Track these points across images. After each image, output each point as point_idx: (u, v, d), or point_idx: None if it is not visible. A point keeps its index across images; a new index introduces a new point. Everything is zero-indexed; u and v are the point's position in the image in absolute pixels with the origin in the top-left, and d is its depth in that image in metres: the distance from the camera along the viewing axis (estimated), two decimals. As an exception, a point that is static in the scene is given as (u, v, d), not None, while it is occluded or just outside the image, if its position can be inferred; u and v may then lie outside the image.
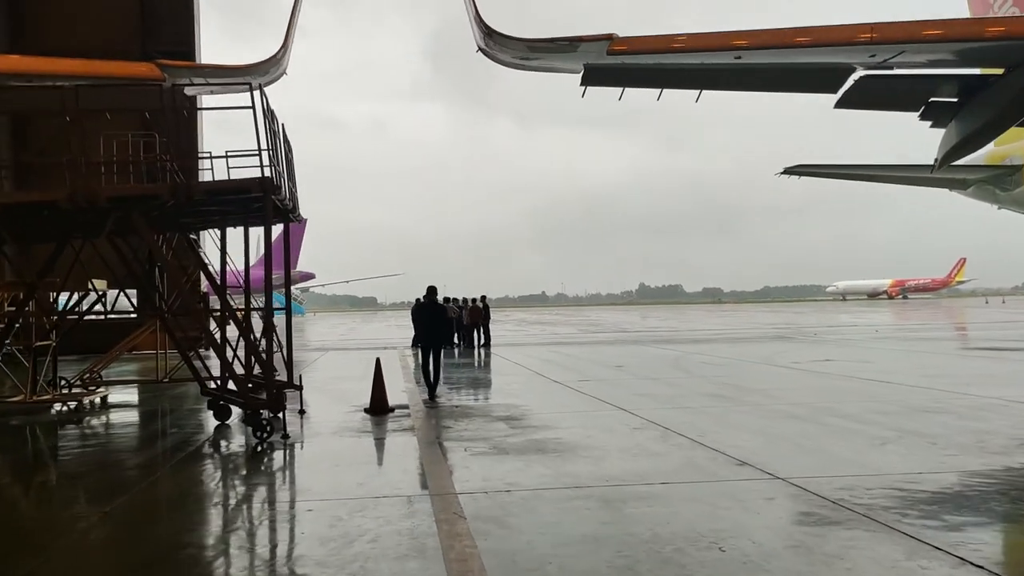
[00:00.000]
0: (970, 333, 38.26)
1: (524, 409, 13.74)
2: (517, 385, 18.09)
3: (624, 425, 11.72)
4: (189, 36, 33.07)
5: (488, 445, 10.35)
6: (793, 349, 27.65)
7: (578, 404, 14.36)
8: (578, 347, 31.88)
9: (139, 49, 31.33)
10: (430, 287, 16.89)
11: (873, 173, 30.72)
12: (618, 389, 16.44)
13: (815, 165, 31.24)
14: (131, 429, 13.46)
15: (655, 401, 14.43)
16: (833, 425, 11.30)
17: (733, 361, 23.12)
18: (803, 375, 18.58)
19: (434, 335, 16.43)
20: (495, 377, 20.90)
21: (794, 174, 30.78)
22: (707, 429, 11.13)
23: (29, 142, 28.65)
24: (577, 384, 17.37)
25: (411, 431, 11.71)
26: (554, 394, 16.18)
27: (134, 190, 10.81)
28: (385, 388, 14.08)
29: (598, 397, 15.03)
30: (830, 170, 31.45)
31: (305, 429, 12.30)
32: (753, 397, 14.66)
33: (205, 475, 9.37)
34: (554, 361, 24.67)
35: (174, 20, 32.47)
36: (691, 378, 18.63)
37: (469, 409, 14.05)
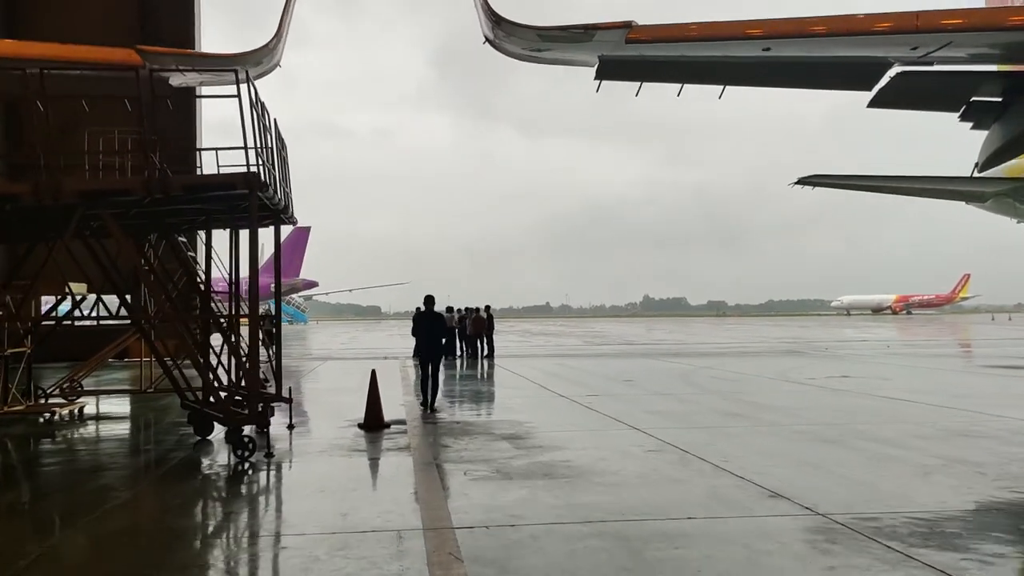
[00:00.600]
0: (983, 350, 37.22)
1: (529, 427, 12.80)
2: (521, 399, 17.14)
3: (638, 447, 10.77)
4: (189, 38, 32.35)
5: (490, 468, 9.41)
6: (806, 364, 26.67)
7: (587, 422, 13.41)
8: (584, 360, 30.93)
9: (136, 49, 30.64)
10: (428, 296, 16.10)
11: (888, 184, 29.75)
12: (629, 405, 15.49)
13: (830, 175, 30.33)
14: (101, 445, 12.50)
15: (669, 419, 13.48)
16: (868, 450, 10.34)
17: (746, 376, 22.15)
18: (822, 392, 17.61)
19: (432, 346, 15.75)
20: (498, 390, 19.97)
21: (808, 184, 29.86)
22: (729, 453, 10.18)
23: (24, 134, 27.72)
24: (585, 399, 16.42)
25: (407, 450, 10.77)
26: (561, 410, 15.23)
27: (104, 184, 9.91)
28: (380, 402, 13.16)
29: (608, 414, 14.08)
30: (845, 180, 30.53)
31: (293, 446, 11.37)
32: (773, 416, 13.70)
33: (170, 502, 8.41)
34: (560, 374, 23.72)
35: (173, 20, 31.71)
36: (704, 394, 17.67)
37: (470, 426, 13.12)
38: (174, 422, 13.94)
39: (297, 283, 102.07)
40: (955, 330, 65.61)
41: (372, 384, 13.31)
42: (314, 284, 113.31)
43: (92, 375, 20.21)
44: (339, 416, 14.35)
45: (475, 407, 16.34)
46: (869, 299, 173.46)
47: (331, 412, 15.42)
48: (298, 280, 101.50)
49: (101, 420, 14.96)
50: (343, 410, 15.14)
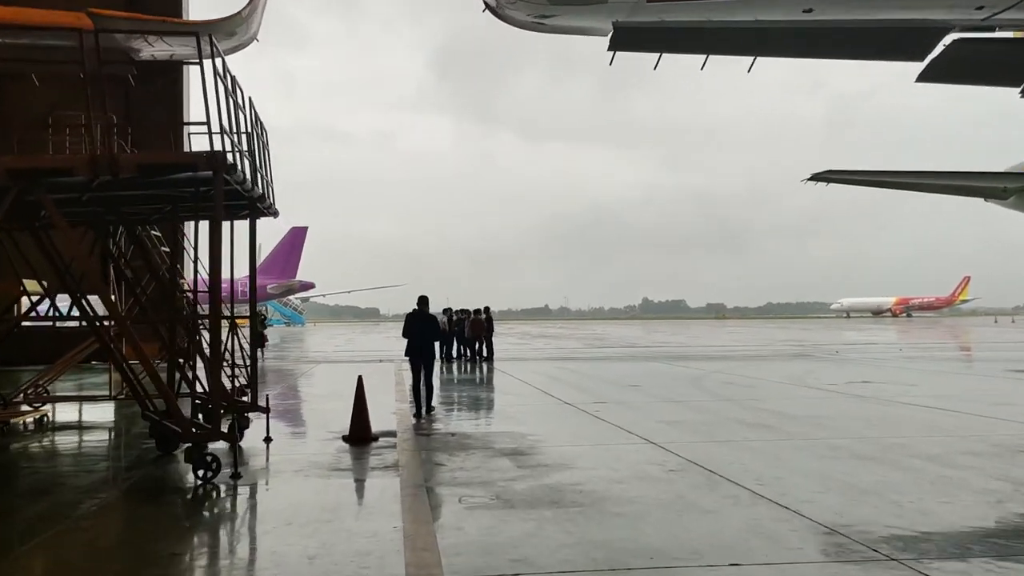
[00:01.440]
0: (999, 353, 35.93)
1: (533, 440, 11.52)
2: (523, 407, 15.85)
3: (657, 465, 9.48)
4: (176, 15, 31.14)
5: (489, 493, 8.13)
6: (820, 369, 25.39)
7: (596, 434, 12.12)
8: (586, 363, 29.64)
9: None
10: (421, 297, 15.06)
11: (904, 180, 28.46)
12: (640, 414, 14.20)
13: (843, 171, 29.05)
14: (52, 461, 11.16)
15: (687, 431, 12.20)
16: (919, 471, 9.06)
17: (760, 382, 20.87)
18: (847, 400, 16.32)
19: (425, 349, 14.80)
20: (498, 397, 18.67)
21: (821, 180, 28.60)
22: (762, 473, 8.91)
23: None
24: (591, 407, 15.13)
25: (394, 469, 9.48)
26: (566, 420, 13.94)
27: (39, 162, 8.61)
28: (367, 413, 11.87)
29: (618, 424, 12.80)
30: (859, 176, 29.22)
31: (265, 465, 10.08)
32: (800, 427, 12.42)
33: (106, 537, 7.13)
34: (562, 379, 22.42)
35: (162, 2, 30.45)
36: (719, 402, 16.38)
37: (467, 438, 11.83)
38: (140, 433, 12.62)
39: (293, 284, 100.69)
40: (961, 333, 64.33)
41: (358, 393, 12.03)
42: (311, 285, 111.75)
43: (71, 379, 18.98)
44: (324, 427, 13.08)
45: (473, 416, 15.06)
46: (869, 301, 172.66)
47: (316, 422, 14.16)
48: (295, 281, 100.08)
49: (61, 430, 13.65)
50: (329, 420, 13.88)
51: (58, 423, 14.37)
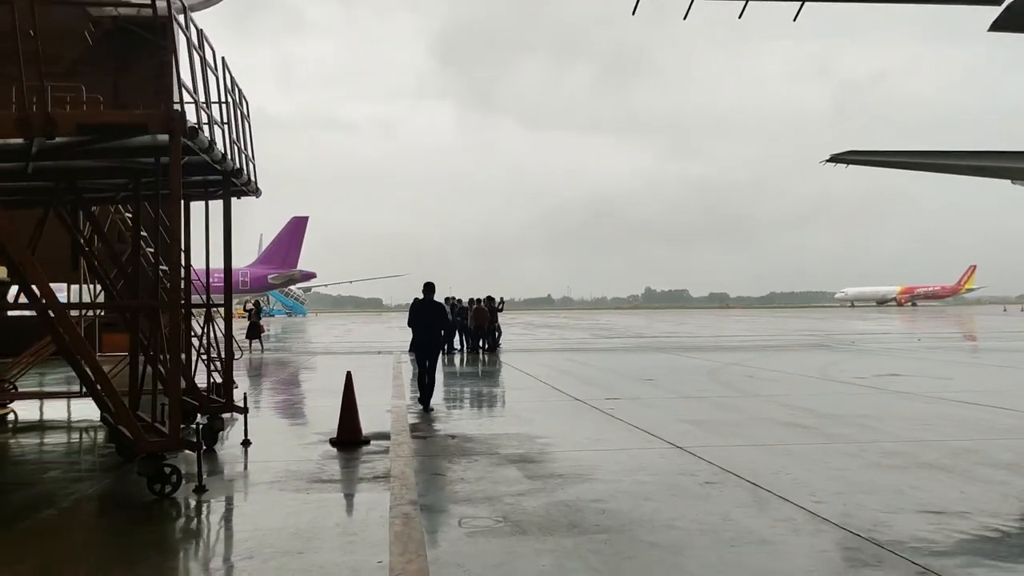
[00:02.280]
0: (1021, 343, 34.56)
1: (544, 443, 10.21)
2: (531, 404, 14.53)
3: (690, 476, 8.17)
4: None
5: (495, 513, 6.82)
6: (842, 360, 24.05)
7: (614, 436, 10.80)
8: (594, 355, 28.31)
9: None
10: (427, 284, 14.10)
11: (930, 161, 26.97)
12: (660, 413, 12.90)
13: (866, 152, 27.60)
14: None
15: (715, 433, 10.88)
16: (1006, 484, 7.74)
17: (782, 375, 19.54)
18: (884, 396, 14.99)
19: (431, 339, 13.87)
20: (504, 392, 17.35)
21: (840, 162, 27.13)
22: (816, 486, 7.59)
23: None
24: (605, 404, 13.82)
25: (384, 481, 8.17)
26: (580, 419, 12.62)
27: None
28: (357, 413, 10.57)
29: (638, 425, 11.49)
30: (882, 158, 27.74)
31: (238, 475, 8.80)
32: (844, 428, 11.09)
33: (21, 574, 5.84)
34: (571, 372, 21.11)
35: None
36: (744, 397, 15.07)
37: (469, 441, 10.52)
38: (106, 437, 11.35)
39: (295, 274, 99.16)
40: (974, 322, 62.85)
41: (347, 391, 10.73)
42: (312, 275, 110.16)
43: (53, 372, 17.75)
44: (311, 427, 11.82)
45: (476, 414, 13.76)
46: (874, 291, 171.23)
47: (303, 421, 12.88)
48: (296, 271, 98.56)
49: (22, 432, 12.38)
50: (318, 418, 12.63)
51: (18, 423, 13.10)
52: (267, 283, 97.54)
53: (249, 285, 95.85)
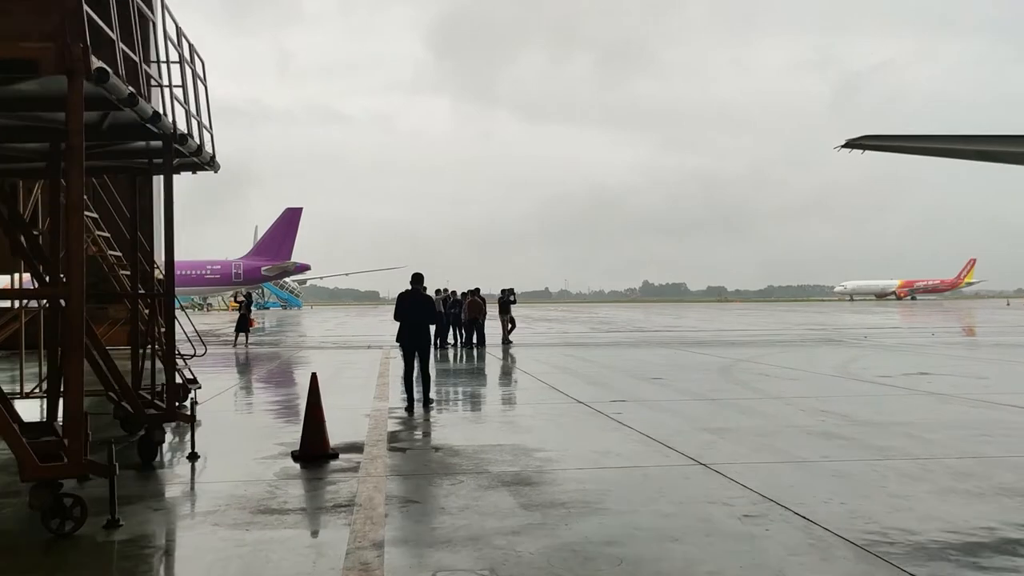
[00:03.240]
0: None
1: (541, 458, 8.68)
2: (528, 408, 13.01)
3: (723, 505, 6.63)
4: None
5: (481, 563, 5.27)
6: (860, 357, 22.52)
7: (625, 448, 9.26)
8: (595, 350, 26.76)
9: None
10: (415, 274, 13.04)
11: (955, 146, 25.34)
12: (673, 418, 11.37)
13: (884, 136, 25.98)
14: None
15: (741, 444, 9.35)
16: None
17: (801, 373, 18.00)
18: (921, 399, 13.49)
19: (419, 333, 12.85)
20: (497, 393, 15.81)
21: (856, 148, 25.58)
22: (884, 521, 6.05)
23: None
24: (611, 408, 12.29)
25: (346, 511, 6.62)
26: (583, 426, 11.07)
27: None
28: (324, 423, 9.02)
29: (650, 434, 9.95)
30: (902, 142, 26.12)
31: (168, 502, 7.24)
32: (891, 440, 9.54)
33: None
34: (572, 369, 19.56)
35: None
36: (765, 400, 13.54)
37: (455, 455, 8.98)
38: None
39: (288, 266, 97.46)
40: (980, 316, 61.31)
41: (312, 394, 9.17)
42: (306, 267, 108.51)
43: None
44: (274, 437, 10.25)
45: (465, 420, 12.20)
46: (873, 284, 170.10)
47: (267, 430, 11.30)
48: (289, 263, 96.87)
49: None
50: (287, 425, 11.12)
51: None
52: (260, 275, 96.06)
53: (242, 277, 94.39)
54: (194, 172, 11.06)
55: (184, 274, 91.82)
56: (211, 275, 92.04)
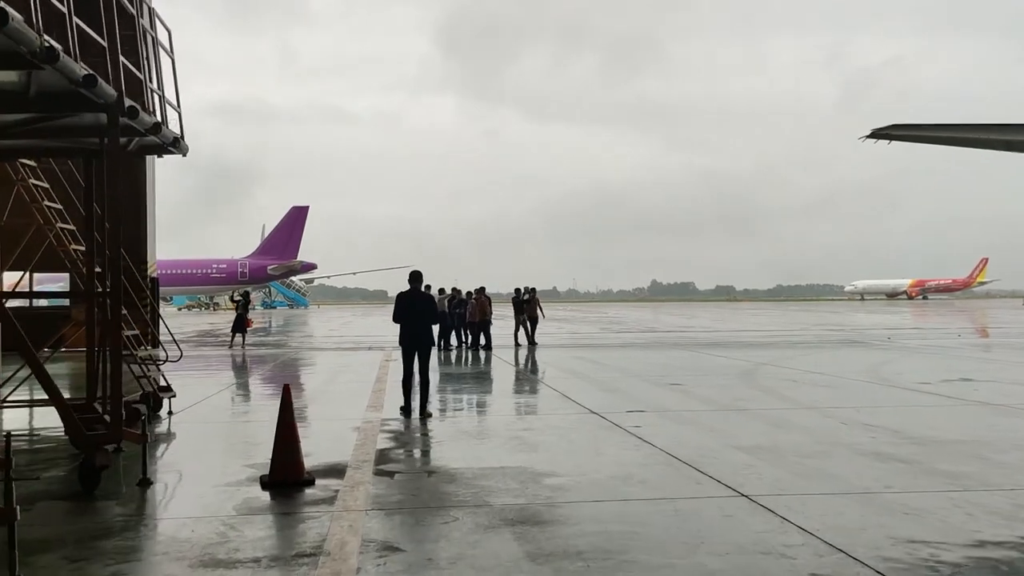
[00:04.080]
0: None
1: (553, 486, 7.35)
2: (537, 420, 11.68)
3: (782, 557, 5.29)
4: None
5: (474, 649, 3.95)
6: (892, 360, 21.13)
7: (650, 473, 7.92)
8: (607, 352, 25.41)
9: None
10: (414, 272, 12.17)
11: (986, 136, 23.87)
12: (701, 434, 10.03)
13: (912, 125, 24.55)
14: None
15: (785, 468, 8.01)
16: None
17: (832, 378, 16.60)
18: (975, 410, 12.13)
19: (420, 334, 11.95)
20: (502, 403, 14.45)
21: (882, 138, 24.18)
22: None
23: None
24: (628, 419, 10.98)
25: (309, 564, 5.30)
26: (599, 442, 9.71)
27: None
28: (297, 443, 7.72)
29: (677, 454, 8.62)
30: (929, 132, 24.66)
31: (94, 548, 5.92)
32: (963, 465, 8.16)
33: None
34: (583, 373, 18.21)
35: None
36: (799, 410, 12.17)
37: (452, 481, 7.67)
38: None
39: (295, 265, 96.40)
40: (998, 317, 59.67)
41: (284, 410, 7.85)
42: (312, 266, 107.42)
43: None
44: (244, 457, 8.95)
45: (466, 435, 10.82)
46: (884, 284, 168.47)
47: (241, 445, 10.01)
48: (296, 262, 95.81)
49: None
50: (258, 444, 9.76)
51: None
52: (267, 274, 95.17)
53: (248, 276, 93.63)
54: (160, 155, 9.77)
55: (190, 273, 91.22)
56: (217, 274, 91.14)
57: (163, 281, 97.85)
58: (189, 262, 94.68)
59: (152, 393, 11.72)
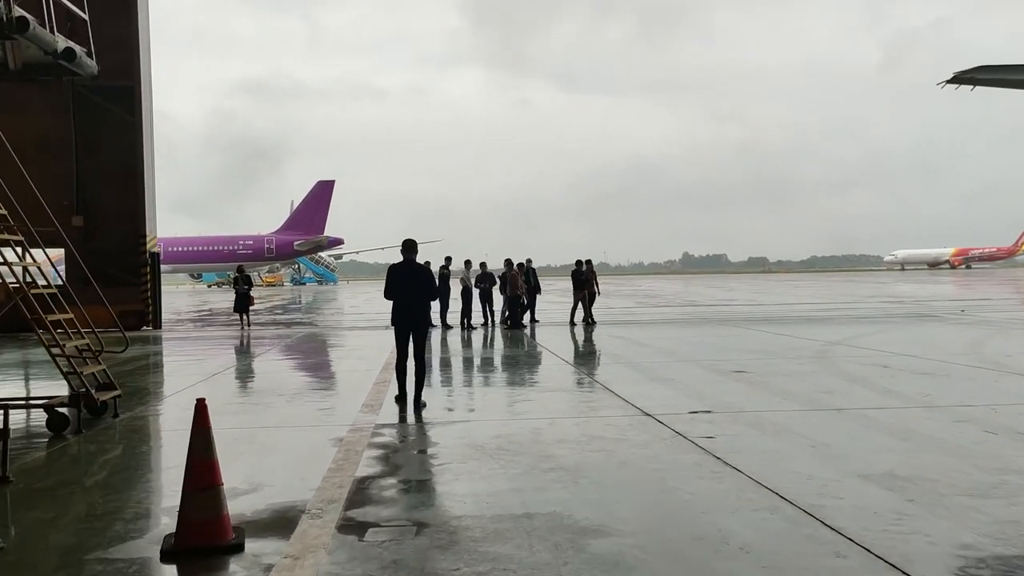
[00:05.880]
0: None
1: (605, 555, 4.70)
2: (573, 426, 8.91)
3: None
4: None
5: None
6: (984, 338, 18.16)
7: (751, 528, 5.21)
8: (648, 330, 22.64)
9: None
10: (407, 241, 10.82)
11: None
12: (802, 452, 7.30)
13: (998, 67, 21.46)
14: None
15: (955, 516, 5.28)
16: None
17: (928, 363, 13.71)
18: None
19: (413, 312, 10.54)
20: (532, 399, 11.71)
21: (964, 83, 21.17)
22: None
23: None
24: (695, 425, 8.31)
25: None
26: (663, 467, 6.96)
27: None
28: (217, 489, 5.11)
29: (781, 491, 5.92)
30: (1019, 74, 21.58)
31: None
32: None
33: None
34: (626, 357, 15.48)
35: None
36: (915, 411, 9.36)
37: (449, 543, 5.03)
38: None
39: (322, 240, 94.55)
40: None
41: (197, 437, 5.24)
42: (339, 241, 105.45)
43: None
44: (172, 491, 6.37)
45: (477, 451, 8.08)
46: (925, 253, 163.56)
47: (174, 472, 7.42)
48: (322, 237, 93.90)
49: None
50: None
51: None
52: (293, 250, 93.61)
53: (275, 252, 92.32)
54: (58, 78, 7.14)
55: (217, 250, 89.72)
56: (243, 250, 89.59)
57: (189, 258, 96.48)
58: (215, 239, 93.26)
59: (85, 394, 9.24)
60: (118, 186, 25.86)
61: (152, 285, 26.68)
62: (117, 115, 25.78)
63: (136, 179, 26.17)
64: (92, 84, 26.01)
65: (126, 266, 25.84)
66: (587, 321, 24.25)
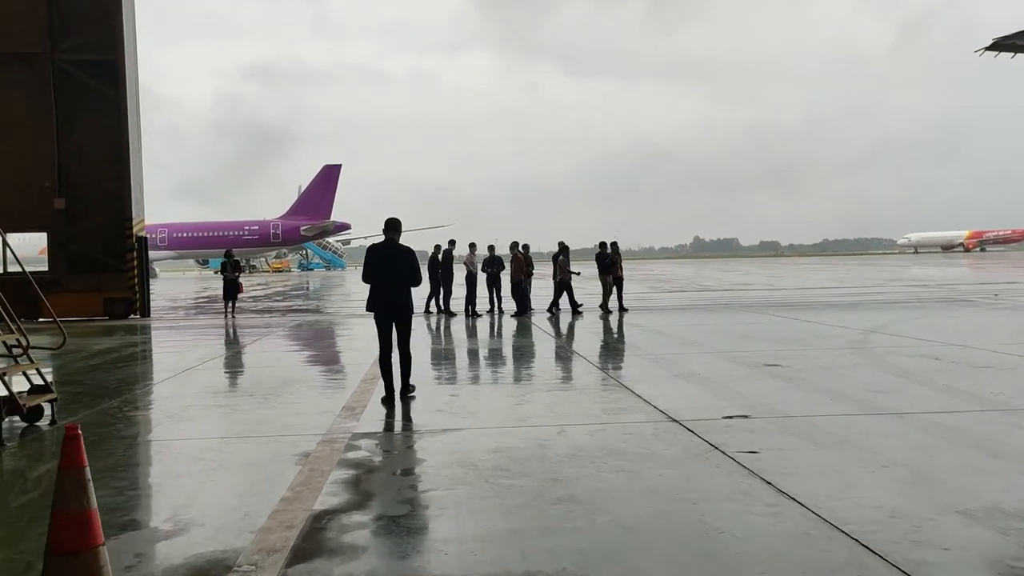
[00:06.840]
0: None
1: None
2: (588, 436, 7.41)
3: None
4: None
5: None
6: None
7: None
8: (667, 317, 21.16)
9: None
10: (389, 220, 9.66)
11: None
12: (873, 475, 5.84)
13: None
14: None
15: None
16: None
17: (982, 353, 12.20)
18: None
19: (395, 297, 9.45)
20: (538, 402, 10.21)
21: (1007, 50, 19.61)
22: None
23: None
24: (733, 436, 6.89)
25: None
26: (699, 495, 5.51)
27: None
28: (97, 556, 3.67)
29: (858, 536, 4.48)
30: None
31: None
32: None
33: None
34: (646, 349, 14.03)
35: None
36: (992, 415, 7.89)
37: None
38: None
39: (328, 225, 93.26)
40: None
41: (65, 486, 3.80)
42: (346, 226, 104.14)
43: None
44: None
45: (471, 472, 6.63)
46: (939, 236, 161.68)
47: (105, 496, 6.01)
48: (329, 222, 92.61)
49: None
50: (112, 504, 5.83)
51: None
52: (299, 235, 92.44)
53: (281, 237, 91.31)
54: None
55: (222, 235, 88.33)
56: (249, 235, 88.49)
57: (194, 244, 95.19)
58: (220, 224, 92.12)
59: (9, 398, 7.85)
60: (103, 167, 24.45)
61: (139, 272, 25.28)
62: (99, 91, 24.34)
63: (122, 160, 24.72)
64: (74, 59, 24.80)
65: (111, 252, 24.50)
66: (620, 308, 22.51)
